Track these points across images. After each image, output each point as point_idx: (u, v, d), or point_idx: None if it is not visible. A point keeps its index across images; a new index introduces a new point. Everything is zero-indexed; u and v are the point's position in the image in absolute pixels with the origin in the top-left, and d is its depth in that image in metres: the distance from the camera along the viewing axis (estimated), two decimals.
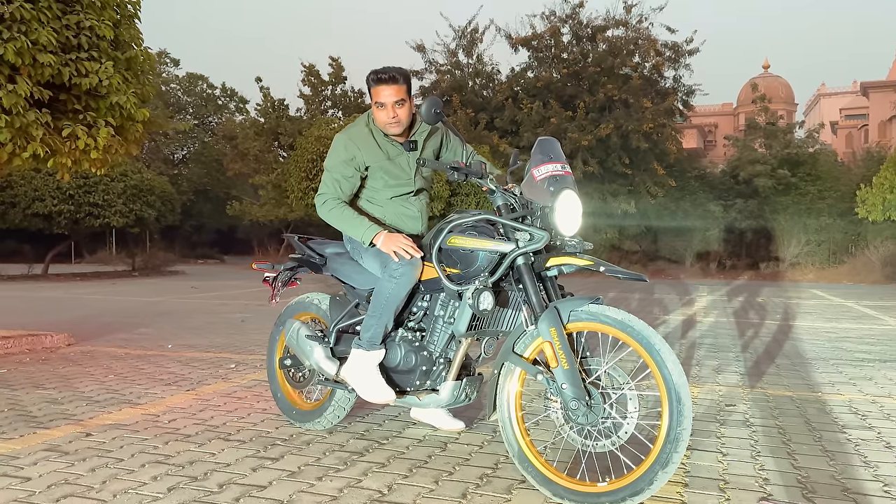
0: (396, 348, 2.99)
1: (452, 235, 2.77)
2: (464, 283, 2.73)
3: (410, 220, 3.20)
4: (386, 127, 3.02)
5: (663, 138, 22.33)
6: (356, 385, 3.03)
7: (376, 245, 2.94)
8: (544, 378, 2.51)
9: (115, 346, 6.30)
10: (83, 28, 4.91)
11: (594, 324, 2.46)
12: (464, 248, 2.72)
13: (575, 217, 2.57)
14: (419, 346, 2.96)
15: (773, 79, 55.81)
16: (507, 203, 2.73)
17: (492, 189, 2.74)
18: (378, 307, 2.99)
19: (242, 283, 16.55)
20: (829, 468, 2.91)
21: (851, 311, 10.45)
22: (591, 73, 22.21)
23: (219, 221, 33.26)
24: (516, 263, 2.63)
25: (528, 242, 2.58)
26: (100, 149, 5.01)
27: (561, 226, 2.55)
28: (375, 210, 3.16)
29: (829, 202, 22.67)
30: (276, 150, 27.03)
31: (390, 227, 3.11)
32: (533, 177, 2.60)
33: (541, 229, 2.58)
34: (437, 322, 2.93)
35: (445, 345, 2.91)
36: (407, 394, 2.99)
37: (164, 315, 9.23)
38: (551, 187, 2.55)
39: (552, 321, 2.46)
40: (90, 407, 3.96)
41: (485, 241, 2.68)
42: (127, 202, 18.16)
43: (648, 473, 2.30)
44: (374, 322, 3.02)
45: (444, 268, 2.80)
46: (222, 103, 36.40)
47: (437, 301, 2.94)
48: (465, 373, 2.97)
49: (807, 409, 3.97)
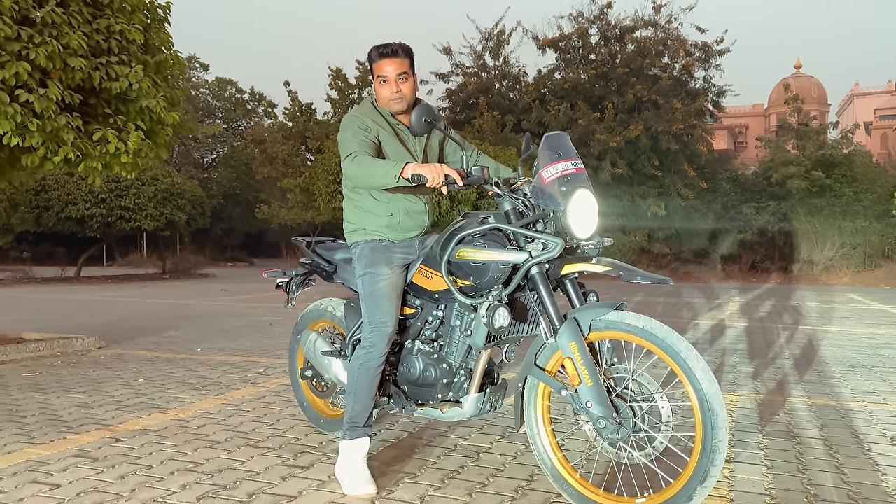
0: (414, 361, 2.84)
1: (461, 248, 2.57)
2: (477, 295, 2.59)
3: (416, 216, 2.93)
4: (389, 103, 2.83)
5: (694, 139, 22.01)
6: (341, 480, 2.73)
7: (406, 176, 2.51)
8: (568, 394, 2.37)
9: (145, 350, 6.32)
10: (113, 32, 4.92)
11: (615, 332, 2.32)
12: (474, 262, 2.53)
13: (591, 218, 2.41)
14: (438, 357, 2.81)
15: (806, 79, 54.87)
16: (516, 207, 2.56)
17: (498, 193, 2.58)
18: (352, 384, 2.82)
19: (271, 286, 16.63)
20: (881, 483, 2.78)
21: (891, 316, 10.15)
22: (619, 74, 21.96)
23: (248, 224, 33.58)
24: (531, 273, 2.47)
25: (542, 252, 2.40)
26: (130, 152, 5.01)
27: (576, 229, 2.39)
28: (380, 206, 2.88)
29: (866, 204, 22.13)
30: (303, 153, 27.16)
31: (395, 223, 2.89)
32: (542, 179, 2.43)
33: (554, 235, 2.42)
34: (453, 332, 2.77)
35: (465, 355, 2.76)
36: (429, 406, 2.84)
37: (194, 318, 9.28)
38: (563, 188, 2.38)
39: (571, 335, 2.33)
40: (120, 412, 3.95)
41: (495, 252, 2.48)
42: (158, 205, 18.37)
43: (686, 489, 2.19)
44: (350, 401, 2.82)
45: (454, 280, 2.62)
46: (251, 107, 36.73)
47: (453, 311, 2.78)
48: (488, 381, 2.83)
49: (853, 420, 3.81)
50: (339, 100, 28.32)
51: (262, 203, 27.81)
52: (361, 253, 2.91)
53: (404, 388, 2.92)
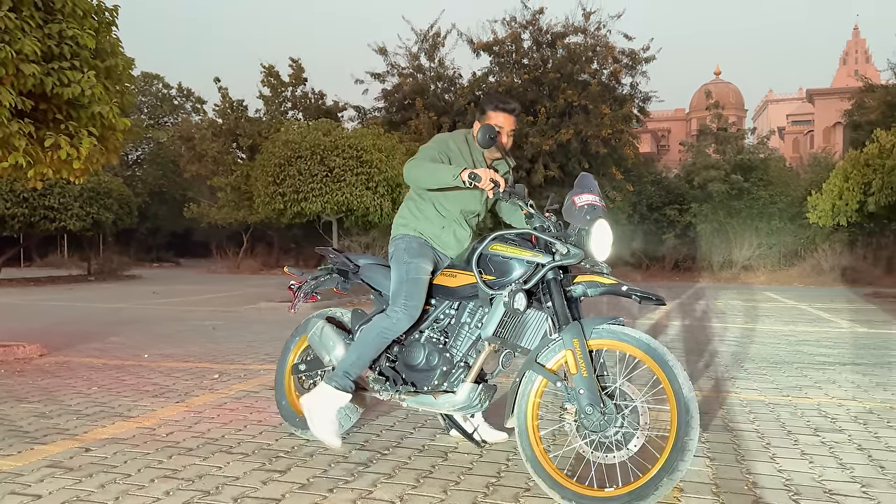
0: (420, 348, 3.16)
1: (495, 242, 2.97)
2: (497, 288, 2.92)
3: (460, 241, 3.35)
4: (490, 149, 3.24)
5: (621, 144, 22.76)
6: (310, 416, 3.22)
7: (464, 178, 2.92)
8: (563, 385, 2.70)
9: (90, 357, 6.23)
10: (65, 37, 4.86)
11: (614, 342, 2.68)
12: (504, 255, 2.92)
13: (607, 244, 2.81)
14: (442, 347, 3.13)
15: (724, 85, 57.34)
16: (545, 226, 2.94)
17: (530, 213, 2.97)
18: (361, 342, 3.20)
19: (204, 289, 16.36)
20: (809, 471, 3.10)
21: (806, 313, 10.87)
22: (551, 79, 22.51)
23: (174, 224, 32.65)
24: (547, 278, 2.83)
25: (564, 256, 2.80)
26: (82, 158, 4.97)
27: (594, 249, 2.78)
28: (439, 218, 3.31)
29: (780, 206, 23.43)
30: (234, 151, 26.67)
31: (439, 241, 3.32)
32: (574, 203, 2.83)
33: (575, 247, 2.82)
34: (462, 328, 3.11)
35: (467, 350, 3.08)
36: (423, 393, 3.11)
37: (132, 323, 9.11)
38: (588, 215, 2.79)
39: (576, 333, 2.68)
40: (81, 421, 3.94)
41: (525, 250, 2.89)
42: (84, 205, 17.74)
43: (655, 479, 2.45)
44: (355, 355, 3.20)
45: (480, 272, 2.98)
46: (178, 103, 35.75)
47: (466, 309, 3.12)
48: (481, 380, 3.12)
49: (780, 413, 4.18)
50: (271, 97, 27.95)
51: (191, 202, 27.14)
52: (409, 245, 3.27)
53: (402, 375, 3.20)
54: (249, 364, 5.87)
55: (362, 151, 12.51)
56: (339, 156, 12.36)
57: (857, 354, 6.59)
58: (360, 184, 12.31)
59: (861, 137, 23.06)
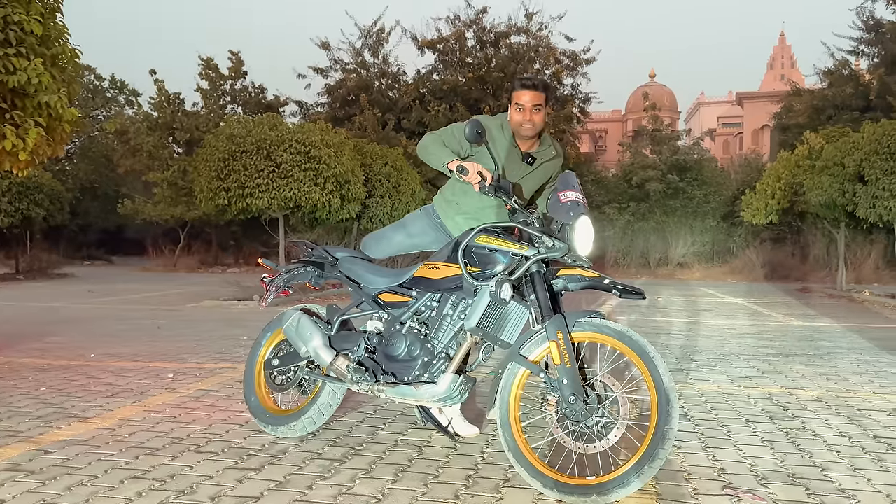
0: (401, 338, 3.14)
1: (482, 234, 2.98)
2: (481, 280, 2.93)
3: (489, 210, 3.35)
4: (520, 127, 3.23)
5: (563, 144, 23.16)
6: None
7: (451, 168, 3.04)
8: (546, 376, 2.74)
9: (32, 357, 5.97)
10: (10, 23, 4.64)
11: (596, 334, 2.73)
12: (490, 247, 2.93)
13: (589, 239, 2.84)
14: (424, 338, 3.11)
15: (659, 87, 58.80)
16: (529, 221, 2.96)
17: (514, 208, 2.98)
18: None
19: (141, 287, 15.87)
20: (771, 456, 3.23)
21: (743, 308, 11.29)
22: (495, 78, 22.74)
23: (106, 220, 31.44)
24: (530, 271, 2.85)
25: (549, 249, 2.83)
26: (28, 150, 4.75)
27: (577, 244, 2.81)
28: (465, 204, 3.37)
29: (714, 206, 24.26)
30: (171, 145, 25.93)
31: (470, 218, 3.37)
32: (559, 198, 2.88)
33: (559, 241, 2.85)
34: (444, 320, 3.09)
35: (449, 342, 3.08)
36: (404, 384, 3.08)
37: (70, 322, 8.77)
38: (571, 211, 2.83)
39: (559, 325, 2.71)
40: (34, 423, 3.78)
41: (511, 242, 2.92)
42: (13, 201, 16.99)
43: (637, 466, 2.51)
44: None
45: (465, 263, 3.00)
46: (111, 96, 34.49)
47: (448, 301, 3.11)
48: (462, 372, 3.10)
49: (735, 403, 4.34)
50: (210, 90, 27.31)
51: (125, 198, 26.25)
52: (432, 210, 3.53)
53: (382, 365, 3.18)
54: (203, 363, 5.73)
55: (310, 147, 12.33)
56: (287, 151, 12.16)
57: (796, 346, 6.88)
58: (308, 179, 12.14)
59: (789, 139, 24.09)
